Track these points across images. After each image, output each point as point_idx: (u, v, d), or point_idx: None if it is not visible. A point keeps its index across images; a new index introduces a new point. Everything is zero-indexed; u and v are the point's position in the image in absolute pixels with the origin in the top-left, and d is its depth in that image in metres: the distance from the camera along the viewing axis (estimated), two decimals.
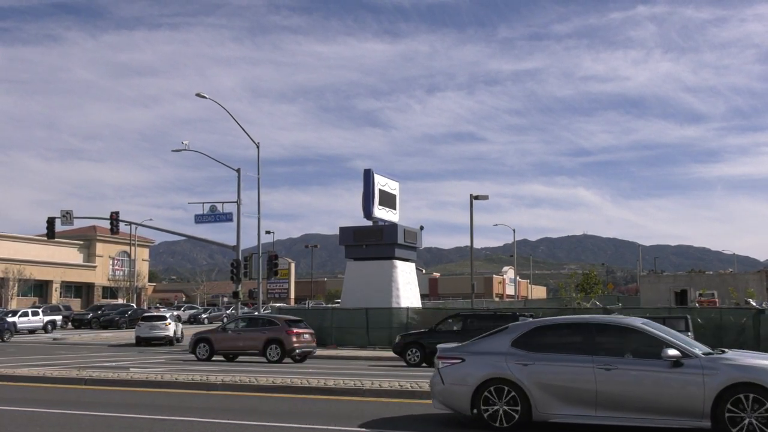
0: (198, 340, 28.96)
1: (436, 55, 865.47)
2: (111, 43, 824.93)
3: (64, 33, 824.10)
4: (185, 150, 39.64)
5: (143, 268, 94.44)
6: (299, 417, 12.22)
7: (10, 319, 51.34)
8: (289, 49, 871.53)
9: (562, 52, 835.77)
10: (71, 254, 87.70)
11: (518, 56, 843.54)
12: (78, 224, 53.31)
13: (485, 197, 46.99)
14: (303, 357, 28.26)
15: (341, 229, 41.81)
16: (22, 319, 52.18)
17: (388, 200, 41.93)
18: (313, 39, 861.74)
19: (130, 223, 53.30)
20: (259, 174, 39.46)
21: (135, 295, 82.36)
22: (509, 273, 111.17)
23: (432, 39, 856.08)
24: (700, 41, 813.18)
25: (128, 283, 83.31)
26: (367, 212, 40.27)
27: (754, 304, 48.82)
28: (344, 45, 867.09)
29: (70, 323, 59.64)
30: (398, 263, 40.79)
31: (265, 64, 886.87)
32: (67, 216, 40.65)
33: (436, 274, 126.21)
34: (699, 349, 10.56)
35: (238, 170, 39.59)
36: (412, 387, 15.19)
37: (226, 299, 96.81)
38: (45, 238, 51.93)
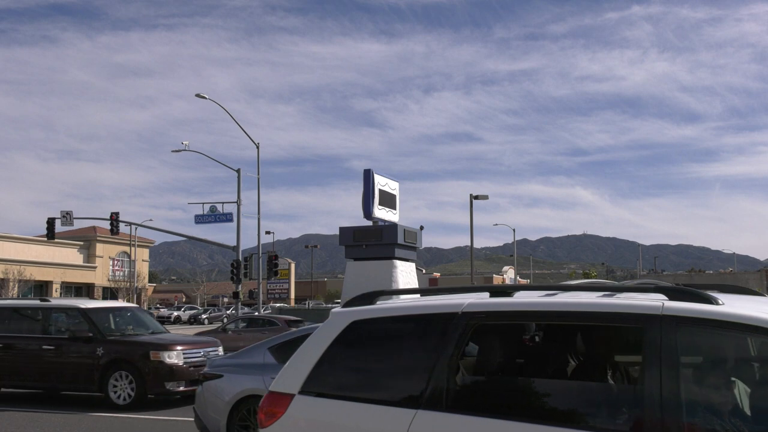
0: None
1: (433, 56, 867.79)
2: (107, 44, 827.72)
3: (60, 34, 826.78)
4: (185, 150, 39.61)
5: (143, 268, 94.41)
6: None
7: None
8: (285, 50, 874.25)
9: (558, 52, 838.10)
10: (71, 255, 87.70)
11: (514, 56, 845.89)
12: (78, 225, 53.32)
13: (485, 197, 46.92)
14: None
15: (341, 229, 41.76)
16: None
17: (388, 200, 41.92)
18: (309, 39, 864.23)
19: (130, 224, 53.29)
20: (258, 174, 39.45)
21: (135, 296, 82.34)
22: (509, 273, 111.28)
23: (428, 39, 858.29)
24: (696, 41, 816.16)
25: (128, 284, 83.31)
26: (367, 212, 40.19)
27: None
28: (340, 45, 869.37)
29: None
30: (398, 263, 40.74)
31: (261, 65, 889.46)
32: (67, 217, 40.66)
33: (436, 274, 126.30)
34: None
35: (238, 171, 39.56)
36: None
37: (226, 299, 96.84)
38: (45, 239, 51.91)
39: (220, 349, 14.77)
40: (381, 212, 41.11)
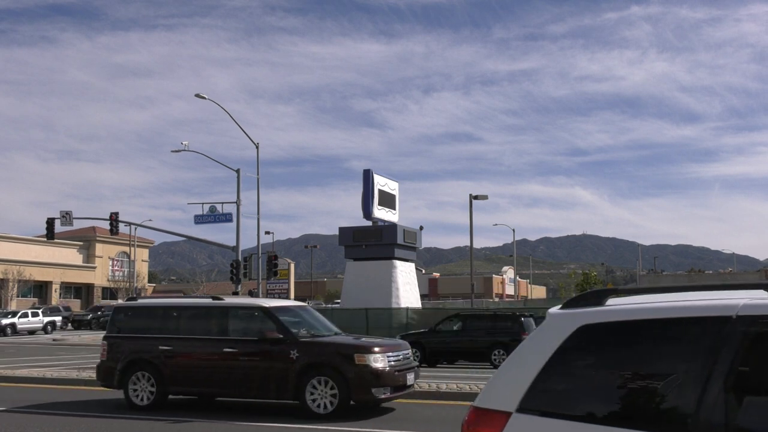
0: None
1: (432, 56, 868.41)
2: (106, 45, 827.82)
3: (59, 34, 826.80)
4: (185, 150, 39.57)
5: (143, 268, 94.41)
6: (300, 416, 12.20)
7: (9, 320, 51.33)
8: (284, 50, 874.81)
9: (557, 53, 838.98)
10: (71, 255, 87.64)
11: (514, 56, 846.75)
12: (77, 225, 53.32)
13: (485, 197, 46.83)
14: None
15: (341, 229, 41.75)
16: (21, 320, 52.15)
17: (387, 200, 41.89)
18: (309, 40, 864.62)
19: (129, 224, 53.24)
20: (258, 174, 39.44)
21: (135, 296, 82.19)
22: (509, 273, 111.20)
23: (427, 39, 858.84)
24: (695, 41, 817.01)
25: (128, 284, 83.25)
26: (367, 212, 40.19)
27: None
28: (340, 46, 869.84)
29: (69, 324, 59.64)
30: (398, 263, 40.74)
31: (260, 65, 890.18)
32: (67, 217, 40.59)
33: (436, 274, 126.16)
34: None
35: (237, 171, 39.53)
36: None
37: None
38: (44, 239, 51.87)
39: (410, 351, 13.56)
40: (381, 212, 41.09)
